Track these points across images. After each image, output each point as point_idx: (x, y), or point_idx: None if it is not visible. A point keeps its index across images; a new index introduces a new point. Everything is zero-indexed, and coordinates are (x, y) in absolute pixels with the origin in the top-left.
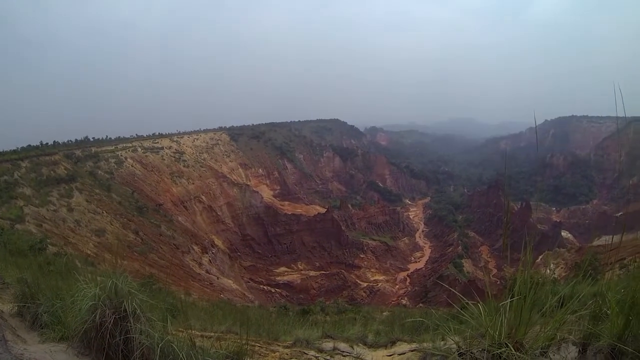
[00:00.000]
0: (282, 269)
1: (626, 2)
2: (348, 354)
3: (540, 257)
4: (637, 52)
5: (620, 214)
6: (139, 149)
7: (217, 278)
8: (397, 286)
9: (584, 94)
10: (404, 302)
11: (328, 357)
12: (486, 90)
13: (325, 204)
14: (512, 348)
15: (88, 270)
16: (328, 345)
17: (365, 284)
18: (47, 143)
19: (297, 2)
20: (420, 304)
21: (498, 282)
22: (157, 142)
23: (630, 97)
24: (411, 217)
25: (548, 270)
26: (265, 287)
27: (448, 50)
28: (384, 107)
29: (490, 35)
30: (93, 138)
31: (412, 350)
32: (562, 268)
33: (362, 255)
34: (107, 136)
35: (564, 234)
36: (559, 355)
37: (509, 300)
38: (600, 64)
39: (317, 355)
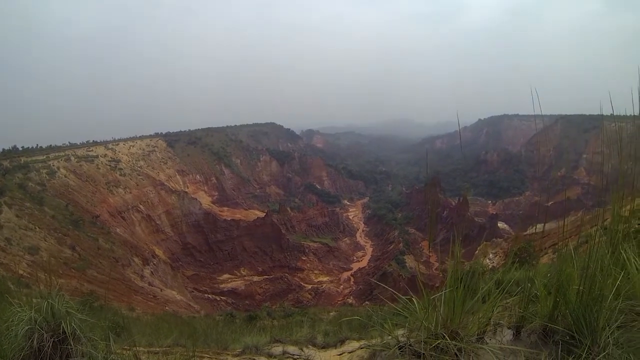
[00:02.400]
0: (226, 276)
1: (551, 9)
2: (298, 356)
3: (479, 247)
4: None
5: (550, 203)
6: (73, 158)
7: (161, 290)
8: (342, 286)
9: (515, 93)
10: (349, 301)
11: None
12: (423, 92)
13: (264, 208)
14: (447, 338)
15: (22, 293)
16: (277, 349)
17: (309, 286)
18: None
19: (231, 6)
20: (367, 302)
21: (441, 275)
22: (92, 150)
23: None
24: (351, 217)
25: (487, 260)
26: (210, 295)
27: (385, 54)
28: (321, 110)
29: (427, 39)
30: (22, 147)
31: (361, 348)
32: (500, 257)
33: (304, 258)
34: (37, 145)
35: (501, 224)
36: (495, 339)
37: (442, 292)
38: (530, 66)
39: None
